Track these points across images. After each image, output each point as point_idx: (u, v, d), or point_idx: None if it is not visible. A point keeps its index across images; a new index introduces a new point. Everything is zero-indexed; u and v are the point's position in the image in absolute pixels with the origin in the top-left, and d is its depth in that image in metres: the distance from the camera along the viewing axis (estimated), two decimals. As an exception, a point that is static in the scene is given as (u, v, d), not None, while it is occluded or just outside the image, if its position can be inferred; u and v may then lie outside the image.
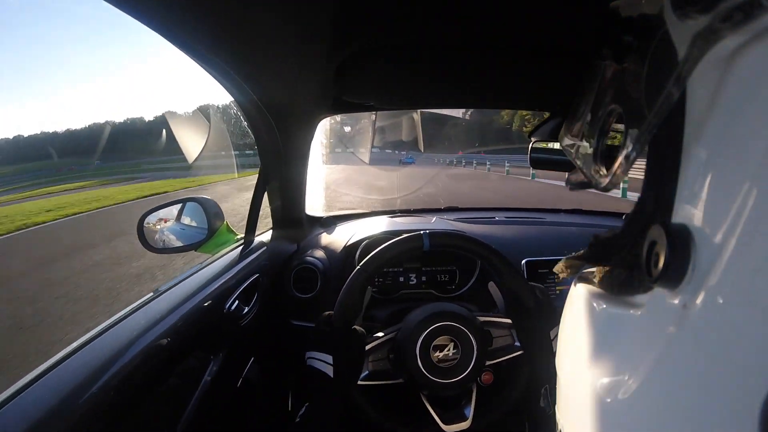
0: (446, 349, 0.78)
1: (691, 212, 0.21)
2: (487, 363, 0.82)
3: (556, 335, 0.65)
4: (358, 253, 1.23)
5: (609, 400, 0.25)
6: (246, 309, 0.99)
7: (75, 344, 0.60)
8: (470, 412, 0.81)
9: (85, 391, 0.53)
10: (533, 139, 0.98)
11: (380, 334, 0.84)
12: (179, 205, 1.19)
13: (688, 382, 0.19)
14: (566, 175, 0.40)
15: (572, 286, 0.36)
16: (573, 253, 0.35)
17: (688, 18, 0.21)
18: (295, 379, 1.35)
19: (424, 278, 1.27)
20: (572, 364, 0.32)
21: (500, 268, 0.83)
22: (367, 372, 0.81)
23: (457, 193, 10.74)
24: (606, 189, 0.29)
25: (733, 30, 0.18)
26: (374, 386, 0.81)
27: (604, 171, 0.31)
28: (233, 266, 0.99)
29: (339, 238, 1.34)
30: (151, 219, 1.08)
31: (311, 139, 1.18)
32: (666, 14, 0.23)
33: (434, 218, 1.49)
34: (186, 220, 1.20)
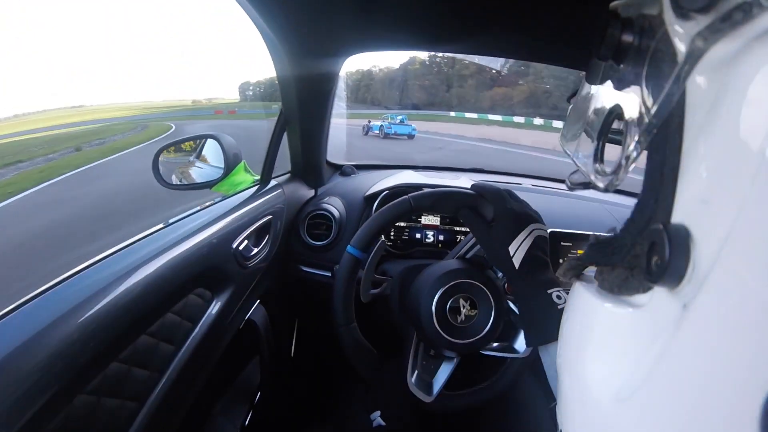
0: (463, 309, 0.76)
1: (691, 212, 0.21)
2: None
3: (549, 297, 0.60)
4: (376, 203, 1.20)
5: (609, 400, 0.25)
6: (255, 250, 0.99)
7: (80, 266, 0.60)
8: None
9: (82, 314, 0.53)
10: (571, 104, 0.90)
11: (410, 355, 0.81)
12: (197, 142, 1.17)
13: (689, 382, 0.19)
14: None
15: (573, 286, 0.36)
16: (573, 256, 0.36)
17: (688, 18, 0.21)
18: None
19: (441, 237, 1.25)
20: (572, 364, 0.33)
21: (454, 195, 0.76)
22: (428, 386, 0.79)
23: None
24: (606, 189, 0.29)
25: (733, 30, 0.19)
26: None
27: (604, 171, 0.31)
28: (246, 205, 0.98)
29: (359, 187, 1.32)
30: (168, 154, 1.06)
31: (336, 80, 1.12)
32: (666, 14, 0.23)
33: (461, 176, 1.44)
34: (204, 157, 1.18)
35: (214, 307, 0.86)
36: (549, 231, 1.11)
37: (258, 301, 1.08)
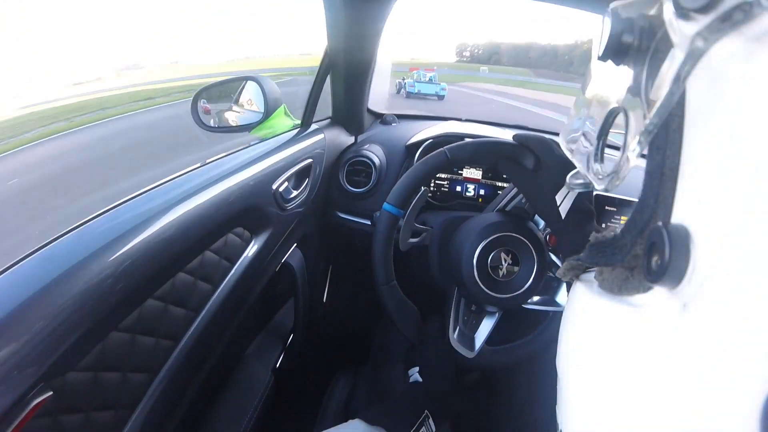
0: (504, 263, 0.75)
1: (691, 212, 0.21)
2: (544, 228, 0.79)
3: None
4: (418, 152, 1.16)
5: (609, 400, 0.26)
6: (294, 193, 0.99)
7: (119, 201, 0.61)
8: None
9: (119, 248, 0.53)
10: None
11: (451, 312, 0.81)
12: (237, 84, 1.15)
13: (689, 382, 0.19)
14: None
15: (573, 286, 0.37)
16: (573, 257, 0.37)
17: (688, 18, 0.21)
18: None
19: (482, 191, 1.21)
20: (572, 364, 0.33)
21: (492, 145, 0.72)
22: (471, 341, 0.79)
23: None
24: (606, 190, 0.29)
25: (733, 30, 0.19)
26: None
27: (604, 172, 0.31)
28: (286, 147, 0.98)
29: (400, 135, 1.29)
30: (207, 96, 1.05)
31: (384, 22, 1.05)
32: (666, 14, 0.23)
33: (506, 131, 1.37)
34: (243, 100, 1.16)
35: (253, 248, 0.87)
36: (595, 194, 1.05)
37: (295, 244, 1.10)
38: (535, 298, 0.80)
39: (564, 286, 0.76)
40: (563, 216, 0.61)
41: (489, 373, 1.15)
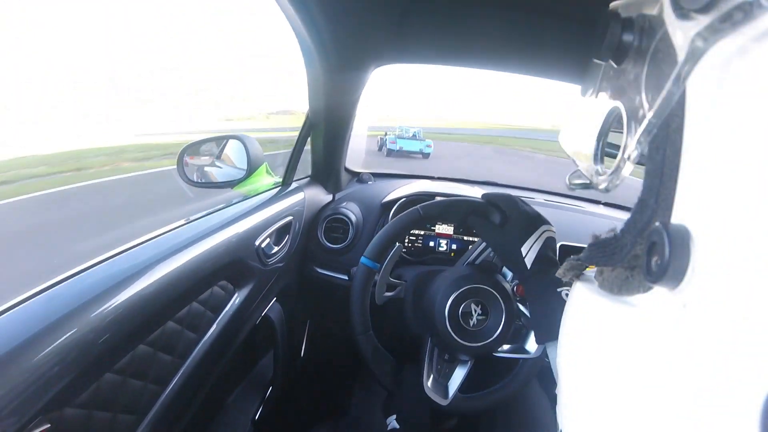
0: (474, 313, 0.77)
1: (691, 212, 0.21)
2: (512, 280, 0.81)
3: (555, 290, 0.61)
4: (393, 209, 1.22)
5: (609, 400, 0.25)
6: (275, 249, 1.02)
7: (101, 257, 0.63)
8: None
9: (101, 305, 0.55)
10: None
11: (425, 360, 0.82)
12: (221, 142, 1.19)
13: (689, 382, 0.19)
14: None
15: (573, 286, 0.36)
16: (573, 256, 0.36)
17: (688, 18, 0.21)
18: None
19: (454, 246, 1.26)
20: (572, 364, 0.33)
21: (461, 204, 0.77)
22: (444, 389, 0.81)
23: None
24: (606, 190, 0.29)
25: (733, 30, 0.19)
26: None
27: (604, 172, 0.31)
28: (269, 205, 1.02)
29: (376, 193, 1.34)
30: (192, 152, 1.08)
31: (362, 89, 1.15)
32: (666, 14, 0.23)
33: (475, 187, 1.45)
34: (226, 157, 1.20)
35: (236, 300, 0.90)
36: (559, 245, 1.13)
37: (275, 298, 1.10)
38: (506, 347, 0.81)
39: (532, 335, 0.77)
40: (529, 265, 0.64)
41: (466, 418, 1.15)
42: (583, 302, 0.33)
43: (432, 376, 0.81)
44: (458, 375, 0.82)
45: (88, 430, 0.57)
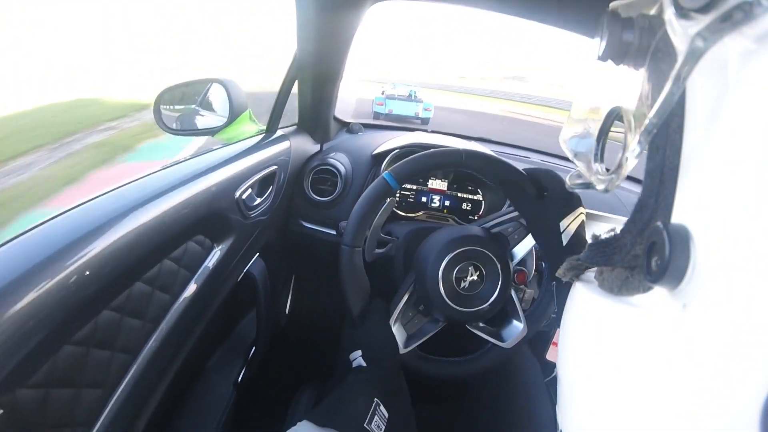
0: (469, 277, 0.75)
1: (691, 212, 0.21)
2: (516, 264, 0.81)
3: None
4: (385, 162, 1.17)
5: (609, 399, 0.26)
6: (258, 201, 0.96)
7: (73, 204, 0.56)
8: (522, 319, 0.81)
9: (71, 256, 0.49)
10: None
11: (400, 301, 0.80)
12: (203, 86, 1.12)
13: (689, 382, 0.19)
14: None
15: (573, 286, 0.37)
16: (573, 257, 0.36)
17: (688, 18, 0.21)
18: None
19: (447, 203, 1.23)
20: (573, 364, 0.33)
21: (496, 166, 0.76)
22: (405, 338, 0.79)
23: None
24: (606, 190, 0.29)
25: (733, 30, 0.19)
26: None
27: (604, 171, 0.31)
28: (250, 153, 0.95)
29: (366, 144, 1.29)
30: (171, 97, 1.02)
31: (355, 30, 1.05)
32: (666, 14, 0.23)
33: (471, 143, 1.40)
34: (208, 103, 1.14)
35: (214, 257, 0.84)
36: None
37: (258, 254, 1.07)
38: (481, 324, 0.81)
39: (512, 325, 0.81)
40: (565, 243, 0.66)
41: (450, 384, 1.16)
42: (583, 302, 0.33)
43: (398, 320, 0.79)
44: (425, 331, 0.81)
45: (46, 411, 0.51)
